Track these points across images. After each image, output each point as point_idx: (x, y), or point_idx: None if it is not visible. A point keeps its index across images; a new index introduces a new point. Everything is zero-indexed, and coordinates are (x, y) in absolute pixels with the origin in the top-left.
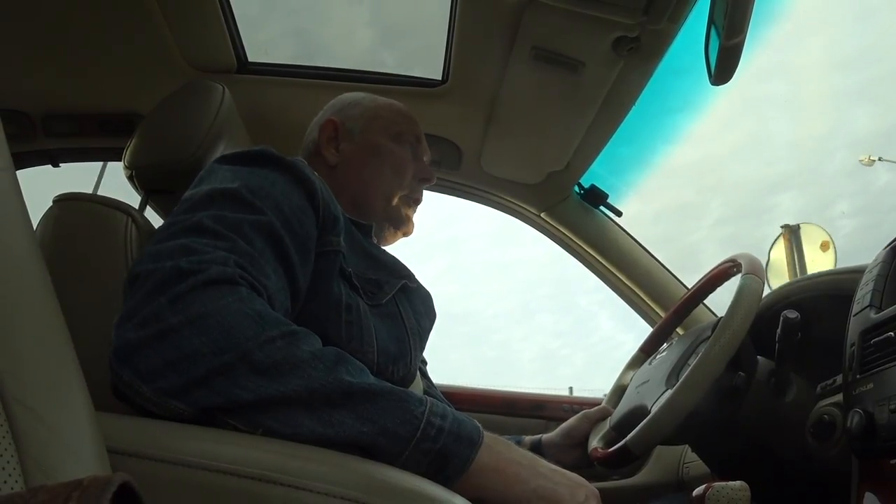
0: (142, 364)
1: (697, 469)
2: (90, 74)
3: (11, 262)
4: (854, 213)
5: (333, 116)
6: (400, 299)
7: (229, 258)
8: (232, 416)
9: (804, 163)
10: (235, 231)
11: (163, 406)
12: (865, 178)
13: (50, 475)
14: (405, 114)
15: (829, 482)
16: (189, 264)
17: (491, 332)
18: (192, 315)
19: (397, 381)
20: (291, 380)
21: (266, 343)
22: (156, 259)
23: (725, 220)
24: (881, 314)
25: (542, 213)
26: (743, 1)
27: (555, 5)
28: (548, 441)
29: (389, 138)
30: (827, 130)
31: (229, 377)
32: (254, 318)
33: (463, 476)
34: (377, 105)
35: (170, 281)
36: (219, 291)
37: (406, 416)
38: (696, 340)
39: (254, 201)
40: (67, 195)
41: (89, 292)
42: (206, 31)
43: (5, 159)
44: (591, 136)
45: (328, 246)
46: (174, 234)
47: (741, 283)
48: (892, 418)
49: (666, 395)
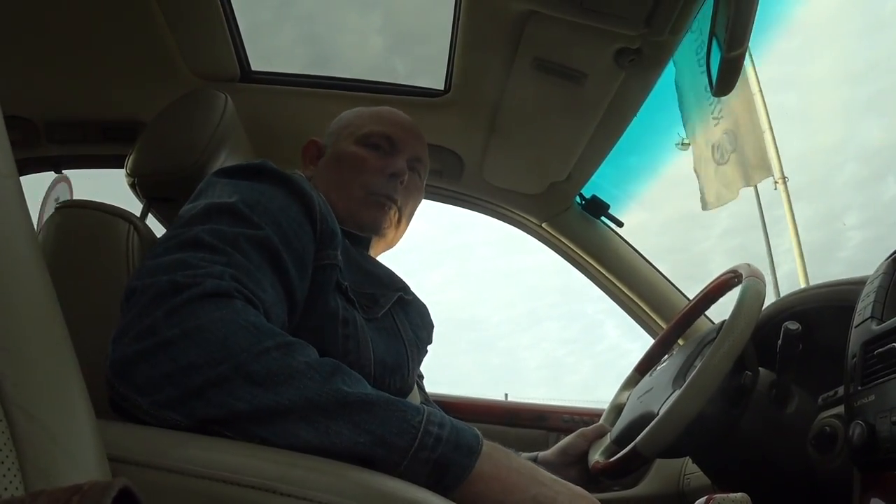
0: (139, 377)
1: (698, 481)
2: (93, 81)
3: (15, 269)
4: (862, 224)
5: (315, 137)
6: (396, 312)
7: (225, 272)
8: (228, 428)
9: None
10: (232, 245)
11: (159, 418)
12: (874, 191)
13: (50, 481)
14: (378, 116)
15: (830, 494)
16: (185, 278)
17: (497, 338)
18: (188, 328)
19: (395, 394)
20: (287, 390)
21: (261, 354)
22: (152, 274)
23: (734, 230)
24: (883, 326)
25: (544, 224)
26: (744, 14)
27: (557, 17)
28: (544, 459)
29: (353, 142)
30: (836, 142)
31: (225, 388)
32: (249, 329)
33: (462, 484)
34: (354, 114)
35: (165, 294)
36: (214, 304)
37: (403, 426)
38: (701, 344)
39: (251, 216)
40: (70, 202)
41: (90, 299)
42: (210, 39)
43: (9, 166)
44: (592, 146)
45: (326, 260)
46: (170, 249)
47: (743, 287)
48: (893, 430)
49: (674, 395)
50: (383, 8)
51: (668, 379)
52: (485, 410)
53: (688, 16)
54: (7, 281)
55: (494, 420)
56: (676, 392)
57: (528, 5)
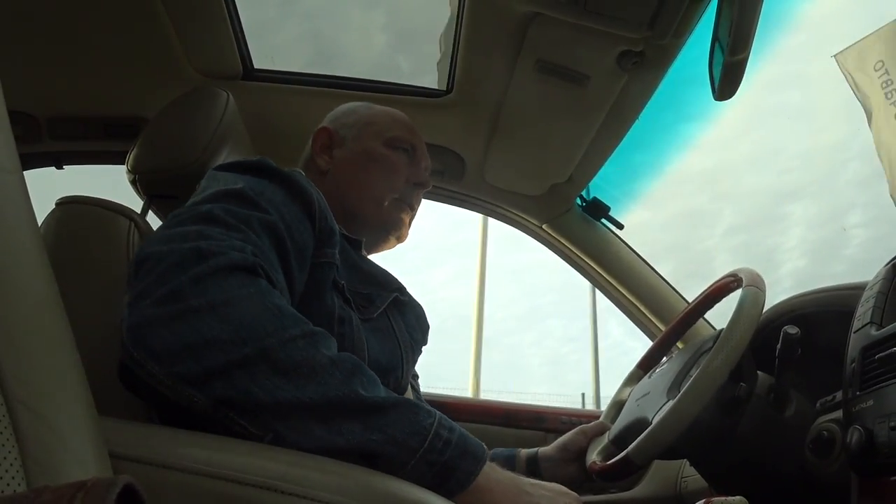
0: (157, 343)
1: (695, 483)
2: (96, 77)
3: (18, 264)
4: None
5: (327, 125)
6: (391, 313)
7: (246, 247)
8: (244, 416)
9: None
10: (246, 224)
11: (176, 391)
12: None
13: (51, 476)
14: (401, 120)
15: (828, 499)
16: (208, 245)
17: (500, 335)
18: (214, 300)
19: None
20: (309, 386)
21: (288, 342)
22: (168, 241)
23: (738, 228)
24: (882, 331)
25: (544, 225)
26: (747, 18)
27: (561, 19)
28: (544, 455)
29: (382, 143)
30: (840, 140)
31: (249, 372)
32: (274, 312)
33: (464, 491)
34: (372, 112)
35: (189, 261)
36: (240, 279)
37: (415, 428)
38: (698, 352)
39: (259, 200)
40: (70, 198)
41: (91, 296)
42: (213, 37)
43: (13, 162)
44: (593, 148)
45: (324, 258)
46: (184, 222)
47: (742, 295)
48: (892, 435)
49: (667, 405)
50: (386, 6)
51: (664, 386)
52: (482, 411)
53: (691, 19)
54: (10, 276)
55: (492, 421)
56: (669, 402)
57: (532, 7)
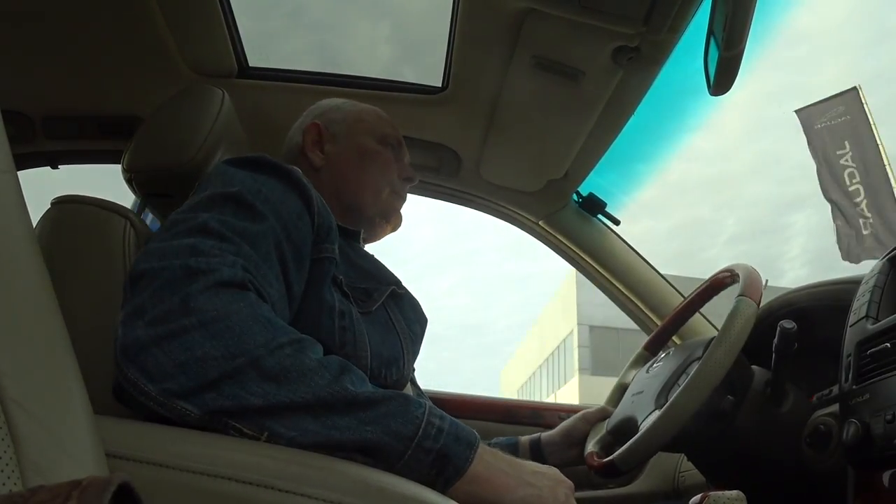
0: (150, 363)
1: (693, 478)
2: (90, 77)
3: (13, 264)
4: None
5: (316, 120)
6: (389, 306)
7: (237, 262)
8: (239, 420)
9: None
10: (240, 235)
11: (168, 407)
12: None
13: (48, 477)
14: (387, 118)
15: (824, 492)
16: (198, 264)
17: (503, 343)
18: (205, 318)
19: (391, 386)
20: (299, 387)
21: (276, 350)
22: (161, 257)
23: (740, 237)
24: (877, 325)
25: (541, 221)
26: (742, 12)
27: (556, 15)
28: (547, 440)
29: (375, 140)
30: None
31: (239, 381)
32: (264, 323)
33: (461, 478)
34: (360, 109)
35: (180, 280)
36: (230, 295)
37: (407, 417)
38: (688, 359)
39: (255, 204)
40: (66, 197)
41: (86, 296)
42: (207, 35)
43: (7, 162)
44: (589, 144)
45: (323, 253)
46: (179, 234)
47: (734, 307)
48: (887, 429)
49: (654, 415)
50: (383, 5)
51: (655, 389)
52: (482, 408)
53: (686, 14)
54: (5, 276)
55: (491, 417)
56: (655, 413)
57: (527, 3)
